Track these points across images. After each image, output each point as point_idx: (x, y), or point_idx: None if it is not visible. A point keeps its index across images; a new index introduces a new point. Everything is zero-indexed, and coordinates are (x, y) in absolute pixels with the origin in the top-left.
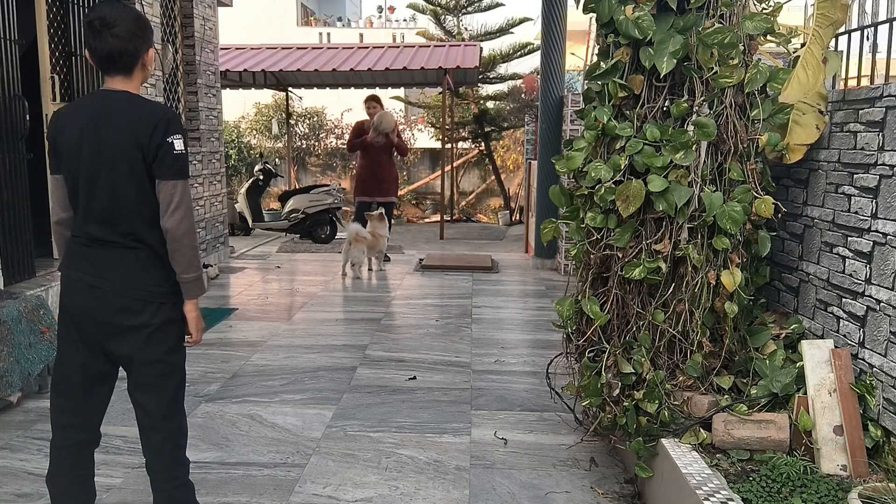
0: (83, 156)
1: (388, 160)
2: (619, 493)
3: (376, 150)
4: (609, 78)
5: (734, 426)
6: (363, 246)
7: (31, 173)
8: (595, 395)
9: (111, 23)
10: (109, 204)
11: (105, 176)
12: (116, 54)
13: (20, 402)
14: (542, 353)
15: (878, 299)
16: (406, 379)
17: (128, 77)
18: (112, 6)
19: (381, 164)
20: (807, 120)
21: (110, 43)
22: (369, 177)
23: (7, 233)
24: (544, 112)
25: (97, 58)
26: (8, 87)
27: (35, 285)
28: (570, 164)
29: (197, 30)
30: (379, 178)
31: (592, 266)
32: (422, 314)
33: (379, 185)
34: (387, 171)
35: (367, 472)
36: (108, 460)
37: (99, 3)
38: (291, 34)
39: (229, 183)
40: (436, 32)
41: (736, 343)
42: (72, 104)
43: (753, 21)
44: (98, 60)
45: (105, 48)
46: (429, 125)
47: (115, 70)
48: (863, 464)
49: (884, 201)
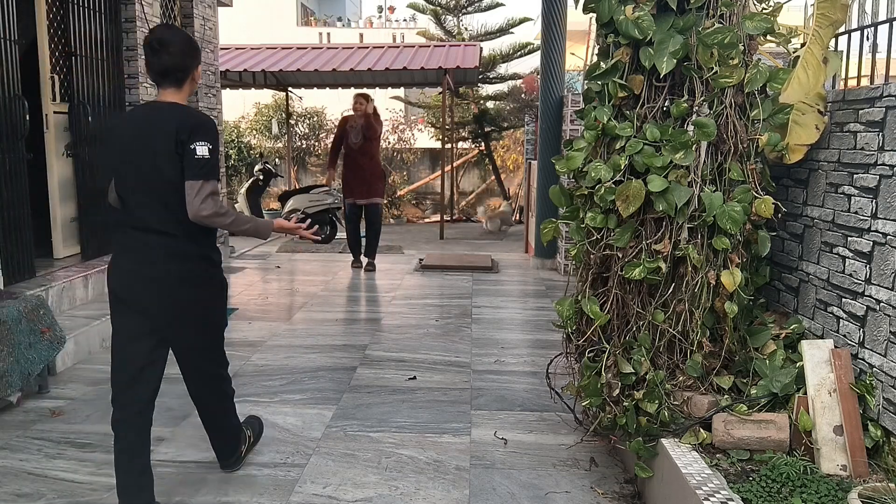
0: (134, 156)
1: (369, 161)
2: (619, 493)
3: (354, 152)
4: (609, 78)
5: (734, 426)
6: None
7: (31, 173)
8: (595, 395)
9: (167, 43)
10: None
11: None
12: (170, 70)
13: (20, 402)
14: (542, 353)
15: (878, 299)
16: (406, 379)
17: (178, 90)
18: (168, 29)
19: (360, 166)
20: (807, 120)
21: (165, 60)
22: (350, 179)
23: (7, 233)
24: (544, 112)
25: (154, 73)
26: (8, 87)
27: (35, 285)
28: (570, 164)
29: (197, 30)
30: (359, 180)
31: (592, 266)
32: (422, 314)
33: (359, 186)
34: (367, 172)
35: (367, 472)
36: (109, 460)
37: (157, 27)
38: (291, 34)
39: (229, 183)
40: (436, 32)
41: (736, 343)
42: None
43: (753, 21)
44: (154, 75)
45: (161, 65)
46: (429, 125)
47: (167, 83)
48: (863, 464)
49: (884, 201)
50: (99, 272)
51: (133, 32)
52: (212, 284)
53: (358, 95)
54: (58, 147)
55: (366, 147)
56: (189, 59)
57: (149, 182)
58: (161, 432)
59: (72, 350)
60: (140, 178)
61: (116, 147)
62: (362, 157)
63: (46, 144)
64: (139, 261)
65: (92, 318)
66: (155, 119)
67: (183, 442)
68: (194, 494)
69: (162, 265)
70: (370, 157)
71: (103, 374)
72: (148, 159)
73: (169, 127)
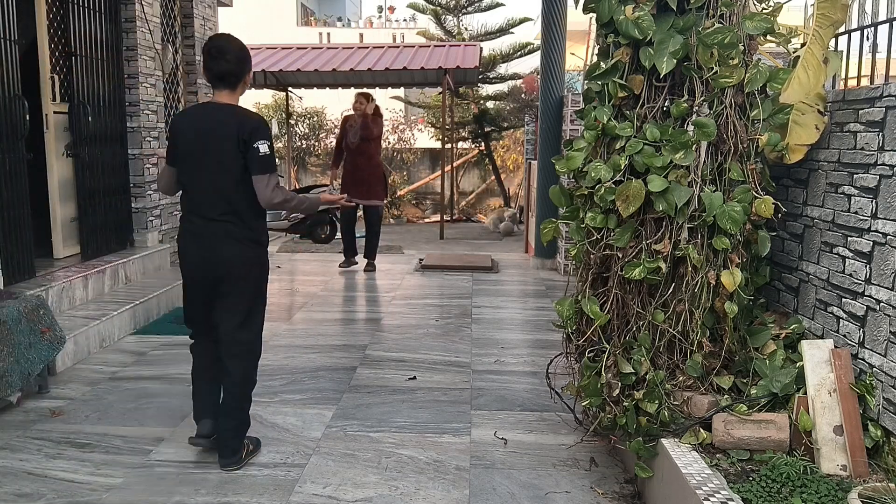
0: (197, 152)
1: (367, 162)
2: (619, 493)
3: (351, 152)
4: (609, 78)
5: (734, 426)
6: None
7: (31, 173)
8: (595, 395)
9: (225, 51)
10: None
11: (213, 168)
12: (227, 74)
13: (20, 402)
14: (542, 353)
15: (878, 299)
16: (406, 379)
17: (232, 92)
18: (225, 38)
19: (358, 167)
20: (807, 120)
21: (223, 66)
22: (347, 179)
23: (7, 233)
24: (544, 112)
25: (212, 76)
26: (8, 87)
27: (35, 285)
28: (570, 164)
29: (197, 30)
30: (357, 181)
31: (592, 266)
32: (422, 314)
33: (357, 187)
34: (365, 173)
35: (367, 472)
36: (109, 460)
37: (215, 35)
38: (291, 34)
39: None
40: (436, 32)
41: (736, 343)
42: (187, 111)
43: (753, 21)
44: (212, 78)
45: (219, 69)
46: (429, 125)
47: (223, 86)
48: (863, 464)
49: (884, 201)
50: (98, 272)
51: (133, 32)
52: (260, 263)
53: (358, 94)
54: (58, 147)
55: (363, 147)
56: (243, 65)
57: (211, 176)
58: (161, 432)
59: (72, 350)
60: (204, 173)
61: (180, 145)
62: (359, 157)
63: (46, 144)
64: (204, 244)
65: (91, 319)
66: (216, 120)
67: (183, 442)
68: (194, 494)
69: (222, 247)
70: (368, 158)
71: (103, 375)
72: (211, 157)
73: (230, 129)
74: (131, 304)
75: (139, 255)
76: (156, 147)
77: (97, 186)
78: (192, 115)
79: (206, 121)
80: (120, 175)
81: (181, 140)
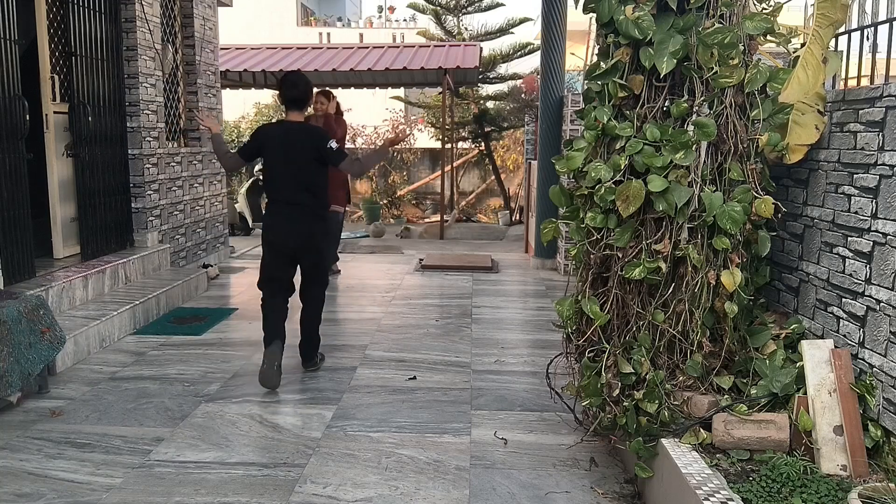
0: (281, 155)
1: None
2: (619, 493)
3: None
4: (609, 78)
5: (734, 426)
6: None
7: (31, 173)
8: (595, 395)
9: (297, 84)
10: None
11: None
12: (299, 100)
13: (20, 402)
14: (542, 353)
15: (878, 299)
16: (406, 379)
17: (301, 112)
18: (298, 74)
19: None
20: (806, 120)
21: (296, 94)
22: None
23: (7, 233)
24: (544, 112)
25: (287, 100)
26: (8, 87)
27: (35, 285)
28: (570, 164)
29: (197, 30)
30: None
31: (592, 266)
32: (422, 314)
33: None
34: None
35: (367, 472)
36: (108, 460)
37: (290, 72)
38: (291, 34)
39: (229, 183)
40: (436, 32)
41: (736, 343)
42: (270, 126)
43: (753, 21)
44: (287, 102)
45: (294, 96)
46: (429, 125)
47: (295, 108)
48: (863, 464)
49: (884, 201)
50: (98, 273)
51: (133, 32)
52: (325, 230)
53: (318, 94)
54: (58, 147)
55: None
56: (309, 94)
57: (294, 173)
58: (160, 432)
59: (71, 350)
60: (288, 170)
61: (270, 150)
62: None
63: (46, 144)
64: (285, 220)
65: (91, 319)
66: (297, 134)
67: (183, 442)
68: (194, 494)
69: (300, 220)
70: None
71: (103, 375)
72: (296, 159)
73: (308, 141)
74: (131, 304)
75: (139, 255)
76: (156, 147)
77: (97, 186)
78: (278, 129)
79: (291, 134)
80: (120, 175)
81: (271, 146)
